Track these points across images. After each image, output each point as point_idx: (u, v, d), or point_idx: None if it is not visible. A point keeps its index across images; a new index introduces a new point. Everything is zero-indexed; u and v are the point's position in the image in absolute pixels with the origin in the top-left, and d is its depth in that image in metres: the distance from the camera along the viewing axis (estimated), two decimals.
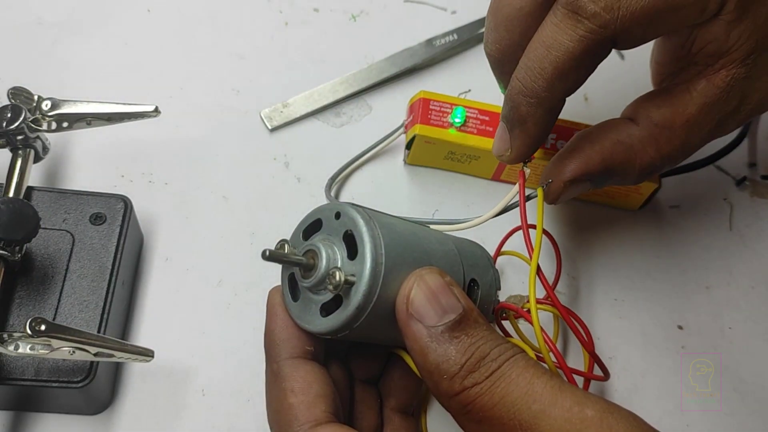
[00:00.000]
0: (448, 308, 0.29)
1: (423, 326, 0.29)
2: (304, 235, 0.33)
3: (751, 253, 0.50)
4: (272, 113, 0.51)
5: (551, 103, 0.34)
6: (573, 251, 0.49)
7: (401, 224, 0.33)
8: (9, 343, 0.33)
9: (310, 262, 0.31)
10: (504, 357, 0.28)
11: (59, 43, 0.52)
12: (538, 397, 0.27)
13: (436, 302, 0.29)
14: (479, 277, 0.35)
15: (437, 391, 0.29)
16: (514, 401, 0.27)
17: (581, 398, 0.27)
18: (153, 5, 0.54)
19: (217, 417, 0.40)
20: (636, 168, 0.37)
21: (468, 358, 0.28)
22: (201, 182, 0.48)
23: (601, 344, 0.45)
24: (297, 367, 0.31)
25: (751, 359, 0.46)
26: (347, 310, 0.30)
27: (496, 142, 0.38)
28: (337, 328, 0.30)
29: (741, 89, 0.35)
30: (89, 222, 0.40)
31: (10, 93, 0.40)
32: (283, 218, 0.47)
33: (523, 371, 0.28)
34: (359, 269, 0.30)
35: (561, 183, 0.37)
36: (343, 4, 0.57)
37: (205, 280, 0.44)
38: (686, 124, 0.36)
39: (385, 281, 0.30)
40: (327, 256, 0.30)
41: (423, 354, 0.29)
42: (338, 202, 0.32)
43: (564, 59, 0.32)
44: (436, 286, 0.30)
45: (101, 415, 0.39)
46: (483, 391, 0.28)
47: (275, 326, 0.32)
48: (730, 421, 0.44)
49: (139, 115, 0.42)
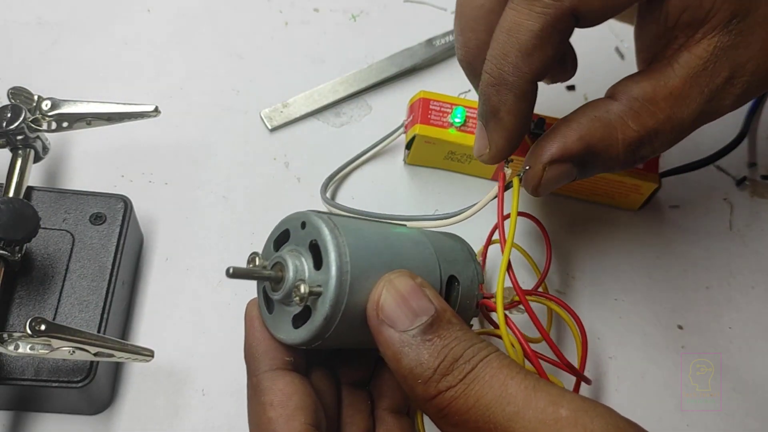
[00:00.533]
0: (419, 311, 0.29)
1: (395, 331, 0.28)
2: (274, 245, 0.33)
3: (751, 253, 0.50)
4: (272, 113, 0.51)
5: (521, 88, 0.33)
6: (573, 251, 0.49)
7: (371, 228, 0.32)
8: (9, 342, 0.33)
9: (278, 275, 0.30)
10: (477, 358, 0.28)
11: (59, 43, 0.52)
12: (512, 398, 0.27)
13: (407, 306, 0.29)
14: (459, 273, 0.35)
15: (413, 395, 0.29)
16: (489, 404, 0.27)
17: (556, 397, 0.26)
18: (153, 5, 0.54)
19: (217, 417, 0.40)
20: (619, 144, 0.34)
21: (441, 361, 0.28)
22: (201, 182, 0.48)
23: (601, 344, 0.45)
24: (276, 380, 0.31)
25: (751, 359, 0.46)
26: (315, 322, 0.29)
27: (476, 142, 0.37)
28: (309, 339, 0.30)
29: (729, 58, 0.33)
30: (89, 222, 0.40)
31: (10, 93, 0.40)
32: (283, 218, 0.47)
33: (497, 372, 0.27)
34: (325, 279, 0.29)
35: (540, 166, 0.35)
36: (343, 4, 0.57)
37: (205, 280, 0.44)
38: (670, 97, 0.34)
39: (353, 289, 0.29)
40: (294, 267, 0.30)
41: (396, 359, 0.28)
42: (304, 212, 0.32)
43: (525, 39, 0.32)
44: (406, 290, 0.29)
45: (101, 415, 0.39)
46: (458, 394, 0.27)
47: (253, 339, 0.32)
48: (730, 421, 0.44)
49: (139, 115, 0.42)
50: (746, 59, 0.33)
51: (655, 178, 0.48)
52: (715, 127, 0.55)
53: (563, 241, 0.49)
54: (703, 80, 0.34)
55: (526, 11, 0.32)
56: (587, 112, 0.35)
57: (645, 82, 0.34)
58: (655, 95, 0.34)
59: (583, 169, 0.35)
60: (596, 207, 0.51)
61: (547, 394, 0.26)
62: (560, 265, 0.48)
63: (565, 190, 0.50)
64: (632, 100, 0.34)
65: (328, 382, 0.34)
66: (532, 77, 0.33)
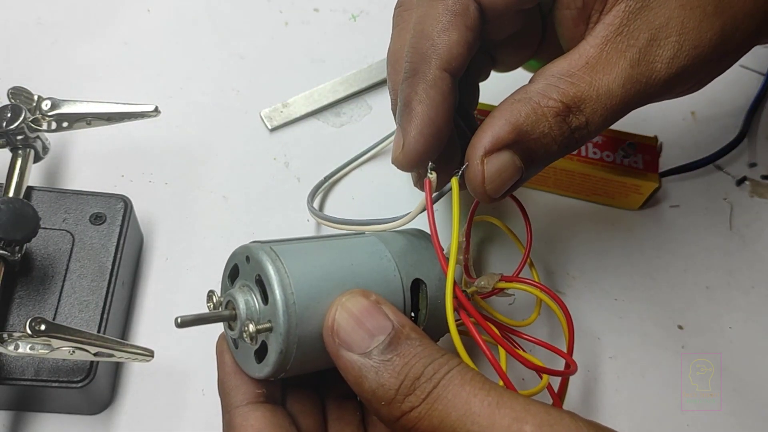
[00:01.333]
0: (375, 331, 0.28)
1: (353, 354, 0.28)
2: (229, 280, 0.33)
3: (751, 253, 0.50)
4: (272, 113, 0.51)
5: (430, 75, 0.33)
6: (573, 251, 0.49)
7: (318, 250, 0.32)
8: (9, 342, 0.33)
9: (232, 313, 0.30)
10: (439, 375, 0.27)
11: (59, 43, 0.52)
12: (476, 417, 0.26)
13: (362, 327, 0.28)
14: (425, 274, 0.34)
15: (379, 416, 0.28)
16: (453, 423, 0.26)
17: (520, 413, 0.26)
18: (153, 5, 0.54)
19: (217, 417, 0.40)
20: (547, 118, 0.32)
21: (402, 381, 0.27)
22: (201, 182, 0.48)
23: (601, 344, 0.45)
24: (247, 416, 0.31)
25: (751, 359, 0.46)
26: (271, 357, 0.29)
27: (393, 146, 0.34)
28: (270, 374, 0.29)
29: (644, 20, 0.32)
30: (89, 222, 0.40)
31: (10, 93, 0.40)
32: (283, 218, 0.47)
33: (459, 389, 0.26)
34: (273, 313, 0.29)
35: (477, 161, 0.32)
36: (343, 4, 0.57)
37: (205, 280, 0.44)
38: (587, 66, 0.33)
39: (305, 318, 0.29)
40: (245, 304, 0.30)
41: (358, 383, 0.28)
42: (248, 245, 0.31)
43: (429, 26, 0.32)
44: (360, 310, 0.29)
45: (101, 415, 0.39)
46: (422, 414, 0.27)
47: (224, 374, 0.32)
48: (730, 421, 0.44)
49: (139, 115, 0.42)
50: (665, 19, 0.32)
51: (655, 177, 0.48)
52: (715, 127, 0.55)
53: (563, 241, 0.49)
54: (621, 45, 0.33)
55: (428, 3, 0.33)
56: (509, 98, 0.34)
57: (561, 60, 0.34)
58: (570, 68, 0.33)
59: (526, 157, 0.33)
60: (596, 207, 0.50)
61: (511, 410, 0.26)
62: (560, 265, 0.48)
63: (565, 190, 0.50)
64: (550, 77, 0.33)
65: (309, 402, 0.34)
66: (440, 64, 0.33)
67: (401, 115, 0.33)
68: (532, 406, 0.26)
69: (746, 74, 0.59)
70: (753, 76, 0.58)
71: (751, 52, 0.39)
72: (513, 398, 0.26)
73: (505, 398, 0.26)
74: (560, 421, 0.26)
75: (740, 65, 0.59)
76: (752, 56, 0.60)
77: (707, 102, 0.57)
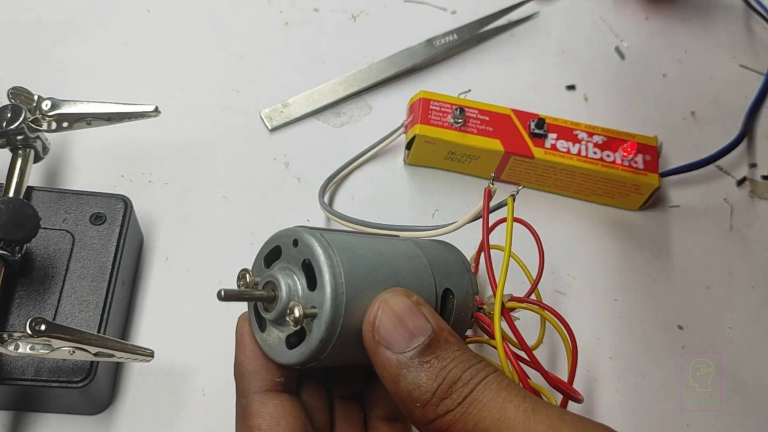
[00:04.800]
0: (416, 331, 0.28)
1: (392, 353, 0.28)
2: (265, 262, 0.32)
3: (751, 253, 0.50)
4: (272, 113, 0.51)
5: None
6: (573, 251, 0.49)
7: (364, 244, 0.31)
8: (9, 343, 0.33)
9: (271, 295, 0.30)
10: (476, 380, 0.27)
11: (59, 43, 0.52)
12: (511, 423, 0.26)
13: (403, 327, 0.28)
14: (454, 285, 0.34)
15: (411, 417, 0.28)
16: (487, 428, 0.26)
17: (556, 421, 0.26)
18: (153, 5, 0.54)
19: (217, 417, 0.40)
20: None
21: (440, 384, 0.27)
22: (201, 182, 0.48)
23: (601, 344, 0.45)
24: (265, 403, 0.30)
25: (751, 359, 0.46)
26: (311, 344, 0.29)
27: None
28: (304, 360, 0.29)
29: None
30: (89, 222, 0.40)
31: (10, 93, 0.40)
32: (283, 218, 0.47)
33: (495, 395, 0.27)
34: (320, 301, 0.28)
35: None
36: (343, 4, 0.57)
37: (205, 280, 0.44)
38: None
39: (349, 309, 0.28)
40: (287, 287, 0.29)
41: (394, 382, 0.28)
42: (295, 228, 0.31)
43: None
44: (402, 309, 0.29)
45: (101, 415, 0.39)
46: (456, 418, 0.27)
47: (243, 358, 0.31)
48: (730, 421, 0.44)
49: (139, 115, 0.42)
50: None
51: (655, 177, 0.48)
52: (715, 127, 0.55)
53: (563, 241, 0.49)
54: None
55: None
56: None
57: None
58: None
59: None
60: (596, 207, 0.51)
61: (546, 418, 0.26)
62: (560, 265, 0.48)
63: (565, 190, 0.50)
64: None
65: (320, 397, 0.34)
66: None
67: None
68: (567, 416, 0.26)
69: (746, 74, 0.59)
70: (753, 76, 0.58)
71: (751, 52, 0.39)
72: (548, 407, 0.26)
73: (541, 406, 0.26)
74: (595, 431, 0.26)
75: (740, 65, 0.59)
76: (752, 56, 0.60)
77: (707, 102, 0.57)
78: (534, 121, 0.48)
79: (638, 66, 0.58)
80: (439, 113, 0.48)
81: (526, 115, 0.49)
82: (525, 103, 0.50)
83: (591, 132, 0.49)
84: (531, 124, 0.48)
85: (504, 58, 0.57)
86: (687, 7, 0.62)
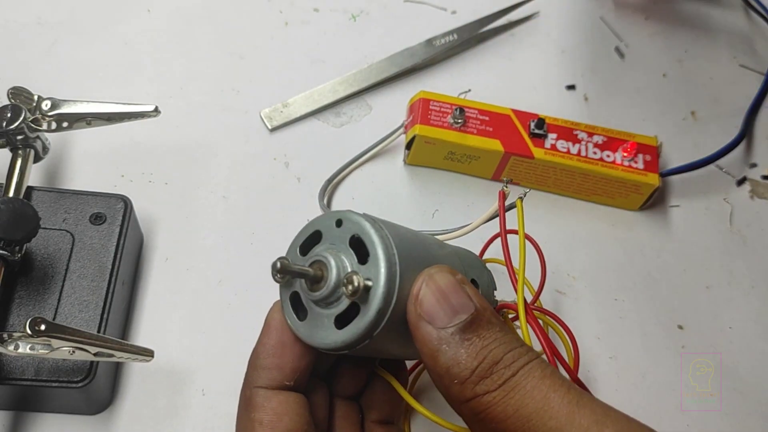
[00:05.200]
0: (459, 308, 0.27)
1: (433, 328, 0.27)
2: (301, 250, 0.31)
3: (751, 253, 0.50)
4: (272, 113, 0.51)
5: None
6: (573, 251, 0.49)
7: (401, 227, 0.32)
8: (9, 343, 0.33)
9: (318, 274, 0.29)
10: (519, 363, 0.26)
11: (59, 43, 0.52)
12: (555, 413, 0.25)
13: (447, 302, 0.28)
14: (478, 277, 0.35)
15: (448, 395, 0.27)
16: (529, 415, 0.25)
17: (601, 416, 0.25)
18: (153, 5, 0.54)
19: (217, 417, 0.40)
20: None
21: (480, 363, 0.26)
22: (201, 182, 0.48)
23: (601, 344, 0.45)
24: (270, 398, 0.30)
25: (751, 359, 0.46)
26: (368, 316, 0.28)
27: None
28: (357, 338, 0.28)
29: None
30: (89, 222, 0.40)
31: (10, 93, 0.40)
32: (283, 218, 0.47)
33: (539, 382, 0.26)
34: (374, 272, 0.28)
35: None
36: (343, 4, 0.57)
37: (205, 280, 0.44)
38: None
39: (401, 282, 0.28)
40: (336, 263, 0.29)
41: (433, 357, 0.27)
42: (336, 211, 0.31)
43: None
44: (447, 285, 0.28)
45: (101, 415, 0.39)
46: (496, 400, 0.26)
47: (262, 350, 0.31)
48: (730, 421, 0.44)
49: (139, 115, 0.42)
50: None
51: (655, 177, 0.48)
52: (715, 127, 0.55)
53: (563, 241, 0.49)
54: None
55: None
56: None
57: None
58: None
59: None
60: (596, 207, 0.51)
61: (591, 412, 0.25)
62: (560, 265, 0.48)
63: (565, 190, 0.50)
64: None
65: (323, 394, 0.33)
66: None
67: None
68: (612, 412, 0.25)
69: (746, 74, 0.59)
70: (753, 76, 0.58)
71: (751, 52, 0.39)
72: (593, 400, 0.26)
73: (585, 399, 0.26)
74: (642, 430, 0.25)
75: (740, 65, 0.59)
76: (752, 56, 0.60)
77: (707, 102, 0.57)
78: (534, 121, 0.48)
79: (638, 66, 0.58)
80: (439, 113, 0.48)
81: (526, 115, 0.49)
82: (525, 103, 0.50)
83: (591, 132, 0.49)
84: (531, 124, 0.48)
85: (504, 58, 0.57)
86: (687, 7, 0.62)
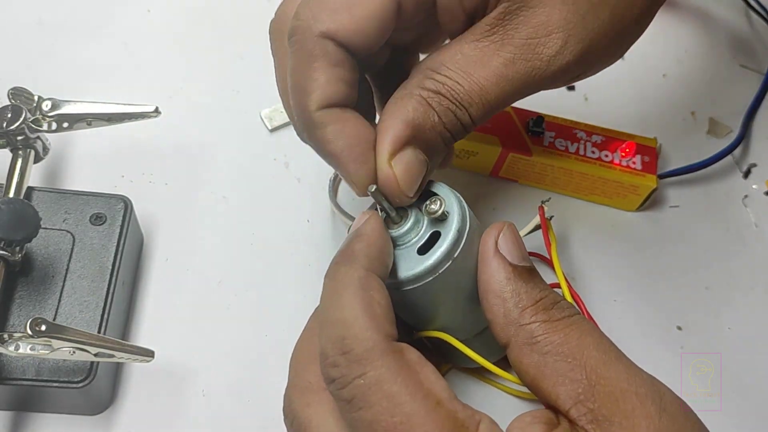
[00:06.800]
0: (526, 257, 0.32)
1: (507, 263, 0.32)
2: None
3: (751, 253, 0.50)
4: (272, 113, 0.51)
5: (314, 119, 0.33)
6: (573, 251, 0.49)
7: None
8: (9, 343, 0.33)
9: (401, 214, 0.34)
10: (572, 311, 0.30)
11: (59, 43, 0.52)
12: (607, 349, 0.29)
13: (519, 248, 0.32)
14: None
15: (506, 317, 0.31)
16: (587, 345, 0.29)
17: (636, 370, 0.30)
18: (153, 5, 0.54)
19: (217, 417, 0.40)
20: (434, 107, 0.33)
21: (543, 298, 0.31)
22: (201, 182, 0.48)
23: None
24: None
25: (751, 359, 0.46)
26: (450, 236, 0.32)
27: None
28: (440, 258, 0.32)
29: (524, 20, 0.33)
30: (89, 222, 0.40)
31: (10, 93, 0.40)
32: (283, 218, 0.47)
33: (591, 329, 0.30)
34: (449, 202, 0.34)
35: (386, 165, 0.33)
36: None
37: (205, 280, 0.44)
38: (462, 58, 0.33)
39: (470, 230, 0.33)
40: (416, 208, 0.34)
41: (501, 284, 0.31)
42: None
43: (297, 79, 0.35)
44: (518, 236, 0.33)
45: (101, 415, 0.39)
46: (558, 328, 0.29)
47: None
48: (730, 421, 0.44)
49: (139, 115, 0.42)
50: (546, 17, 0.32)
51: (652, 179, 0.48)
52: (714, 128, 0.55)
53: (562, 241, 0.49)
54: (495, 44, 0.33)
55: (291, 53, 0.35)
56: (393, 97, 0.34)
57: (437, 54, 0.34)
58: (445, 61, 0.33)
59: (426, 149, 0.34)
60: (595, 207, 0.51)
61: (629, 365, 0.29)
62: (560, 266, 0.48)
63: (562, 188, 0.50)
64: (425, 70, 0.34)
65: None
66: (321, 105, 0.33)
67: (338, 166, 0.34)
68: (642, 373, 0.30)
69: (746, 74, 0.59)
70: (753, 76, 0.58)
71: (751, 52, 0.39)
72: (628, 359, 0.30)
73: (622, 355, 0.30)
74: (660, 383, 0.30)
75: (740, 65, 0.59)
76: (752, 56, 0.60)
77: (707, 102, 0.57)
78: (532, 119, 0.48)
79: (638, 66, 0.58)
80: None
81: (525, 113, 0.49)
82: (525, 103, 0.50)
83: (590, 131, 0.49)
84: (529, 122, 0.48)
85: None
86: (687, 7, 0.62)
